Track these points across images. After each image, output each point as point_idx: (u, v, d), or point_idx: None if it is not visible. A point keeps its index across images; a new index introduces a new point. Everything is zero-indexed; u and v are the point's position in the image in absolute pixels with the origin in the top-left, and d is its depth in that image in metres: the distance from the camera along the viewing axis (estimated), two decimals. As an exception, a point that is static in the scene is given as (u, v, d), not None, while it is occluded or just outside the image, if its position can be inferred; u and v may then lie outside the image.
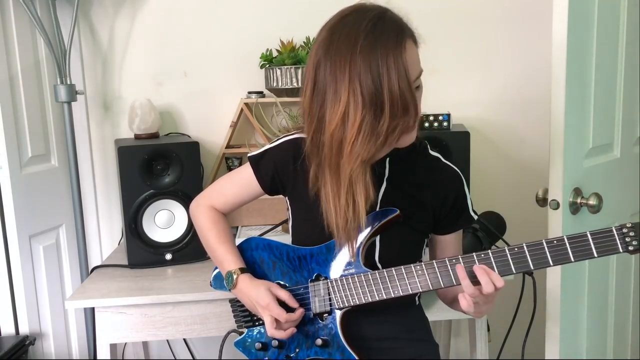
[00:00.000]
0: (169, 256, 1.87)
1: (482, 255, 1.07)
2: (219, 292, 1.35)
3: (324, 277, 1.19)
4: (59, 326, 2.11)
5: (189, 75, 2.22)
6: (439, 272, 1.10)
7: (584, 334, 1.66)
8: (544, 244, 1.04)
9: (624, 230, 1.00)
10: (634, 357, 1.87)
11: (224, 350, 1.38)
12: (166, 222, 1.88)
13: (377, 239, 1.17)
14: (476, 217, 1.24)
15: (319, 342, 1.17)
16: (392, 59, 0.98)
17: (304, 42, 2.12)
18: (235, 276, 1.22)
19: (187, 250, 1.88)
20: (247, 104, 2.10)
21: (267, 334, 1.18)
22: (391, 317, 1.23)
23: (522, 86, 2.22)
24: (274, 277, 1.25)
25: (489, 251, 1.07)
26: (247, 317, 1.29)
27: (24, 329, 1.95)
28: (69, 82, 2.00)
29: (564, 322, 1.55)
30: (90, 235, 2.26)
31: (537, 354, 1.73)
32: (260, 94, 2.11)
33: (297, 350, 1.21)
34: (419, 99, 1.08)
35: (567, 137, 1.45)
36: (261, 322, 1.27)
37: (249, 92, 2.11)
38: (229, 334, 1.34)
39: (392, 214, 1.15)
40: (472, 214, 1.23)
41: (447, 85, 2.19)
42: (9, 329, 1.93)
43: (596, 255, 1.01)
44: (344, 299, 1.16)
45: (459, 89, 2.21)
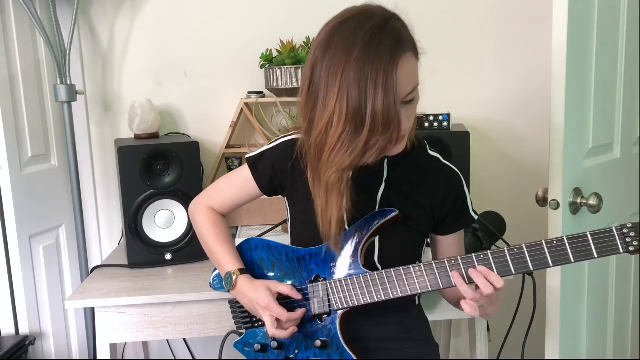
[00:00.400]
0: (169, 256, 1.87)
1: (482, 256, 1.07)
2: (218, 292, 1.35)
3: (323, 278, 1.19)
4: (59, 326, 2.11)
5: (189, 75, 2.21)
6: (438, 274, 1.10)
7: (584, 334, 1.66)
8: (544, 244, 1.03)
9: (625, 230, 0.99)
10: (634, 357, 1.87)
11: (224, 350, 1.38)
12: (166, 222, 1.88)
13: (377, 239, 1.17)
14: (476, 217, 1.24)
15: (318, 343, 1.17)
16: (382, 76, 0.96)
17: (304, 42, 2.11)
18: (234, 277, 1.22)
19: (187, 250, 1.88)
20: (247, 104, 2.10)
21: (268, 334, 1.18)
22: (391, 318, 1.23)
23: (522, 86, 2.22)
24: (273, 277, 1.25)
25: (489, 252, 1.07)
26: (246, 319, 1.29)
27: (24, 329, 1.95)
28: (69, 82, 2.00)
29: (564, 322, 1.54)
30: (90, 235, 2.26)
31: (537, 354, 1.73)
32: (260, 94, 2.10)
33: (296, 351, 1.21)
34: (413, 112, 1.06)
35: (567, 137, 1.45)
36: (261, 323, 1.27)
37: (249, 92, 2.11)
38: (229, 334, 1.34)
39: (391, 214, 1.15)
40: (472, 214, 1.23)
41: (447, 85, 2.18)
42: (9, 329, 1.93)
43: (596, 255, 1.01)
44: (343, 300, 1.16)
45: (459, 89, 2.21)
